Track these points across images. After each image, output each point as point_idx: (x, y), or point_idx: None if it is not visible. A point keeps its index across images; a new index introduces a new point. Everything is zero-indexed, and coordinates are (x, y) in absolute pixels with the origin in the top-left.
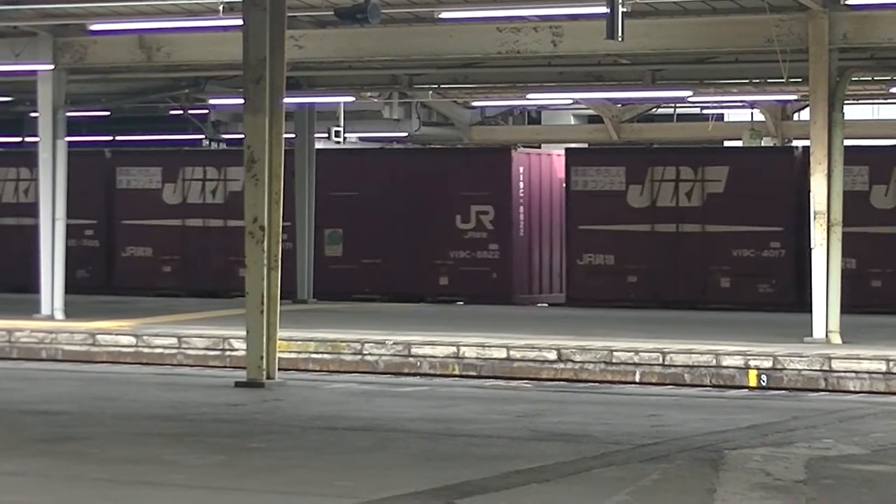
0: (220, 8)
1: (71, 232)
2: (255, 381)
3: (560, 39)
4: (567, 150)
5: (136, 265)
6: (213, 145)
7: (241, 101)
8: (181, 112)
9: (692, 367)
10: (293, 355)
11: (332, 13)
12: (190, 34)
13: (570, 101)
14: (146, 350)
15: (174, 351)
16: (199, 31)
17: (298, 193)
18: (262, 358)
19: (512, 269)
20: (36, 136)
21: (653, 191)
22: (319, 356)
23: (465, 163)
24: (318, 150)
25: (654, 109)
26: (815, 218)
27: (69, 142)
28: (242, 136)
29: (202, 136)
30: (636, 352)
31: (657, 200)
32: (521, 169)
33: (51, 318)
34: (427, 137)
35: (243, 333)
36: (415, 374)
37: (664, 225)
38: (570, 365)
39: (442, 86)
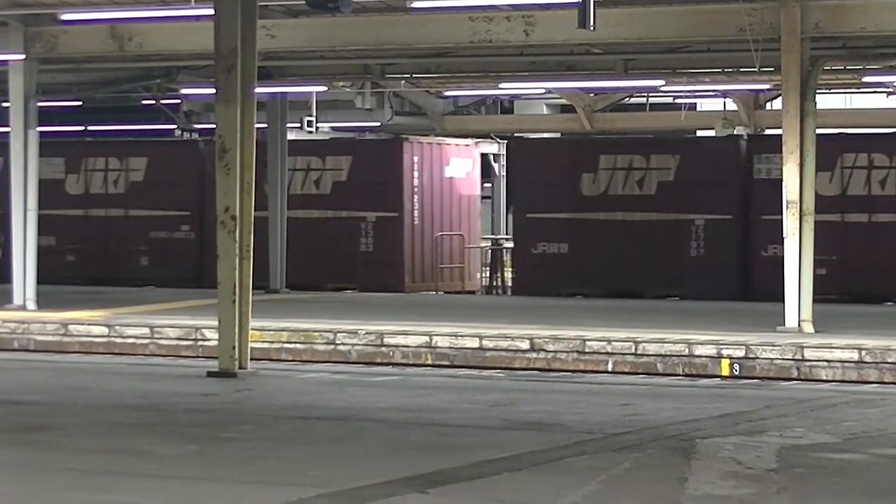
0: None
1: None
2: (228, 371)
3: (532, 29)
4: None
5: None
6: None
7: (213, 90)
8: (153, 102)
9: (665, 356)
10: (266, 345)
11: (303, 2)
12: (162, 23)
13: (543, 91)
14: (118, 340)
15: (146, 341)
16: (171, 21)
17: (271, 183)
18: (234, 348)
19: None
20: (7, 126)
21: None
22: (292, 346)
23: None
24: None
25: (626, 99)
26: (787, 207)
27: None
28: (214, 125)
29: (174, 126)
30: (609, 341)
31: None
32: None
33: (23, 308)
34: (400, 127)
35: (216, 323)
36: (387, 364)
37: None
38: (542, 354)
39: (414, 75)
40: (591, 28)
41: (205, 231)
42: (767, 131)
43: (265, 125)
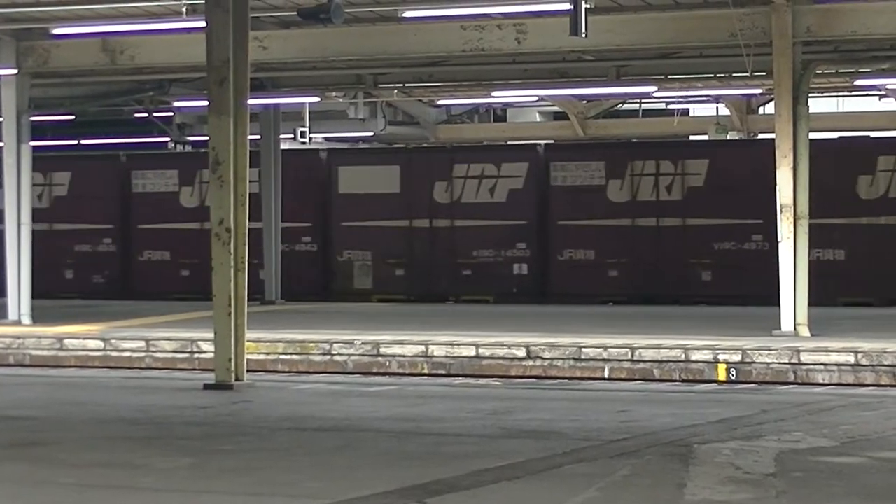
0: (183, 10)
1: None
2: (224, 383)
3: (524, 37)
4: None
5: None
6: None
7: (206, 102)
8: (146, 115)
9: (661, 362)
10: (262, 357)
11: (295, 14)
12: (153, 36)
13: (536, 99)
14: (114, 354)
15: (142, 354)
16: (163, 34)
17: (265, 194)
18: (230, 360)
19: None
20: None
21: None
22: (288, 357)
23: None
24: None
25: (619, 105)
26: (781, 211)
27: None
28: (207, 137)
29: (167, 139)
30: (605, 348)
31: None
32: None
33: (18, 323)
34: (393, 137)
35: (211, 336)
36: (384, 374)
37: None
38: (539, 362)
39: (407, 85)
40: (583, 35)
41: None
42: (761, 135)
43: (258, 136)
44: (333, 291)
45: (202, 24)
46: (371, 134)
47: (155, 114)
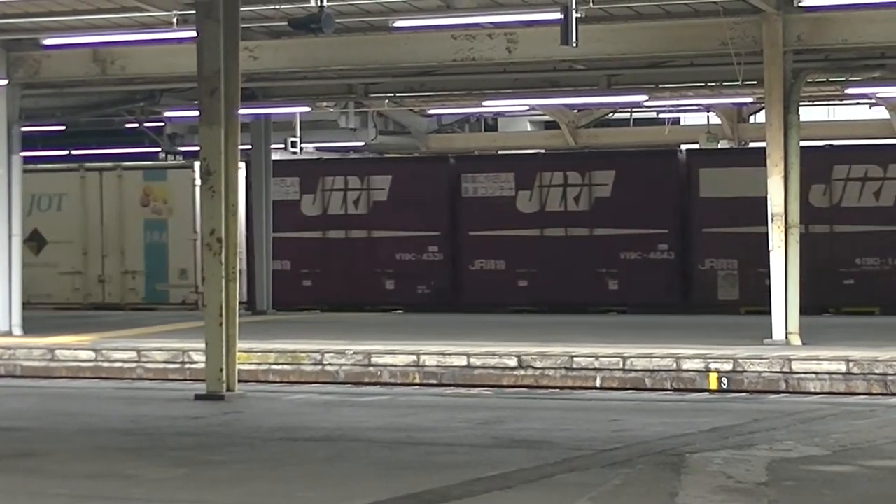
0: (174, 20)
1: None
2: (216, 393)
3: (515, 46)
4: None
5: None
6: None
7: (197, 113)
8: (137, 125)
9: (652, 371)
10: (253, 367)
11: (286, 24)
12: (144, 47)
13: (527, 108)
14: (105, 364)
15: (134, 365)
16: (154, 44)
17: (255, 204)
18: (221, 370)
19: None
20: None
21: None
22: (279, 367)
23: None
24: None
25: (610, 114)
26: (772, 220)
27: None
28: (199, 148)
29: (158, 149)
30: (596, 357)
31: None
32: None
33: (9, 333)
34: (384, 146)
35: (203, 346)
36: (375, 384)
37: None
38: (530, 371)
39: (398, 94)
40: (574, 45)
41: None
42: (752, 144)
43: (249, 146)
44: (693, 303)
45: (193, 34)
46: (362, 143)
47: (146, 124)
